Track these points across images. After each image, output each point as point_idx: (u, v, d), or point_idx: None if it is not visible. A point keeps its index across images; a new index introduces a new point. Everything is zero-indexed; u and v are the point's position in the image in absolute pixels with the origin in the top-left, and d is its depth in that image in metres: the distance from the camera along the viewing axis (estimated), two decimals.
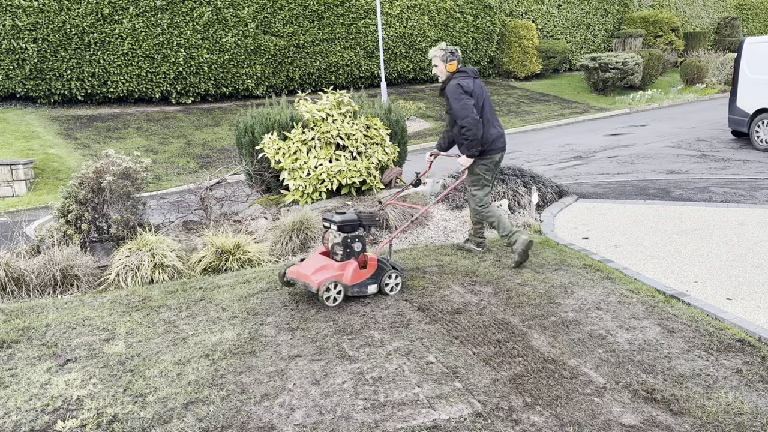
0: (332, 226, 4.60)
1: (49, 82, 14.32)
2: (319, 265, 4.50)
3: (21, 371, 3.70)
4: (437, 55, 5.09)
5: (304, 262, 4.62)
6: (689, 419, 2.92)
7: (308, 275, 4.41)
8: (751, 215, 6.44)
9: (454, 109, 5.05)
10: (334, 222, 4.59)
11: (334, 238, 4.63)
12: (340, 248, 4.58)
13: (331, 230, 4.66)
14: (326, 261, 4.56)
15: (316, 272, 4.44)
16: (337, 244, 4.59)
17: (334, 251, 4.64)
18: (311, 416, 3.07)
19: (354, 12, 18.03)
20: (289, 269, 4.60)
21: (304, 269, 4.50)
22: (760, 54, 10.74)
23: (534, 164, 10.55)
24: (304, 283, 4.46)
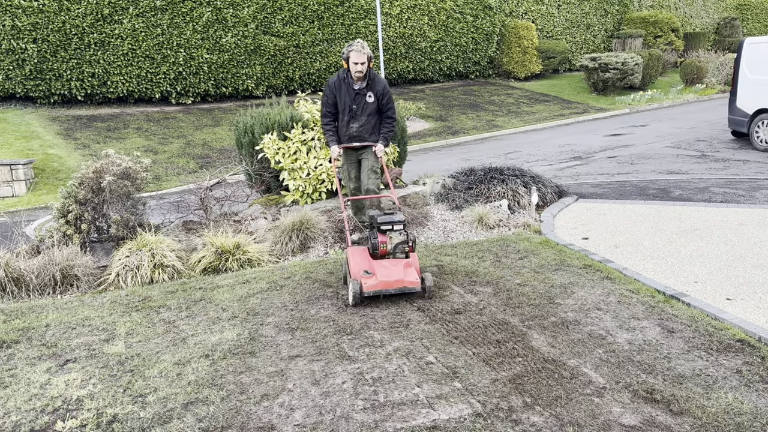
0: (394, 227, 4.56)
1: (49, 83, 14.32)
2: (402, 266, 4.44)
3: (21, 371, 3.70)
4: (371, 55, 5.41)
5: (380, 271, 4.39)
6: (689, 419, 2.92)
7: (403, 279, 4.33)
8: (751, 215, 6.44)
9: (393, 104, 5.74)
10: (399, 222, 4.58)
11: (396, 238, 4.56)
12: (406, 246, 4.58)
13: (391, 231, 4.58)
14: (398, 261, 4.51)
15: (408, 273, 4.39)
16: (402, 243, 4.56)
17: (397, 250, 4.56)
18: (311, 416, 3.07)
19: (354, 12, 18.03)
20: (366, 285, 4.33)
21: (390, 276, 4.34)
22: (760, 54, 10.74)
23: (534, 164, 10.55)
24: (400, 288, 4.33)
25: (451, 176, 7.84)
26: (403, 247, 4.57)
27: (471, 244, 5.89)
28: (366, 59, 5.34)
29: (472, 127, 16.12)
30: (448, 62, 20.55)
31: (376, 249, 4.56)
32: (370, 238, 4.60)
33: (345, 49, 5.40)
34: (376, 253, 4.56)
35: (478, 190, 7.27)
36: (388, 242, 4.56)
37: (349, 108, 5.59)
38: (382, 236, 4.57)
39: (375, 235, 4.59)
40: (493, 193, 7.14)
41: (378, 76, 5.60)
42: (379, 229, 4.58)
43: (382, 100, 5.62)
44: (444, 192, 7.45)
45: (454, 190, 7.41)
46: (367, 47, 5.36)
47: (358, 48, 5.31)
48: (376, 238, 4.56)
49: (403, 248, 4.57)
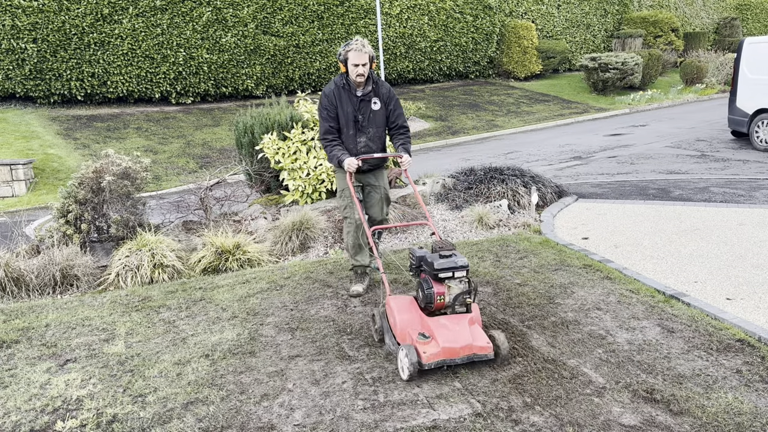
0: (455, 274, 3.51)
1: (49, 82, 14.32)
2: (466, 325, 3.46)
3: (21, 371, 3.70)
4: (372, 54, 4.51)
5: (441, 334, 3.38)
6: (689, 419, 2.92)
7: (472, 344, 3.35)
8: (751, 215, 6.44)
9: (402, 111, 4.77)
10: (462, 267, 3.52)
11: (456, 287, 3.55)
12: (468, 297, 3.56)
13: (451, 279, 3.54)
14: (459, 318, 3.51)
15: (476, 335, 3.42)
16: (464, 293, 3.54)
17: (457, 303, 3.53)
18: (311, 416, 3.07)
19: (354, 12, 18.03)
20: (426, 354, 3.29)
21: (456, 341, 3.34)
22: (759, 54, 10.74)
23: (534, 164, 10.55)
24: (468, 357, 3.34)
25: (451, 176, 7.84)
26: (464, 298, 3.55)
27: (471, 244, 5.89)
28: (368, 59, 4.42)
29: (472, 127, 16.12)
30: (448, 62, 20.55)
31: (430, 302, 3.52)
32: (422, 288, 3.56)
33: (341, 49, 4.46)
34: (429, 308, 3.55)
35: (478, 190, 7.27)
36: (446, 293, 3.53)
37: (354, 119, 4.56)
38: (438, 285, 3.52)
39: (429, 283, 3.54)
40: (493, 193, 7.14)
41: (381, 80, 4.71)
42: (435, 277, 3.51)
43: (388, 105, 4.65)
44: (444, 192, 7.45)
45: (454, 190, 7.41)
46: (368, 45, 4.46)
47: (357, 47, 4.39)
48: (430, 288, 3.51)
49: (464, 300, 3.55)
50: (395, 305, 3.66)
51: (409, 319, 3.57)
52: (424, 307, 3.58)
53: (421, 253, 3.70)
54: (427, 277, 3.57)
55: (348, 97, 4.55)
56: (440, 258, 3.53)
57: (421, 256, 3.68)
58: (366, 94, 4.57)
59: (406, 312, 3.61)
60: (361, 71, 4.44)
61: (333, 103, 4.55)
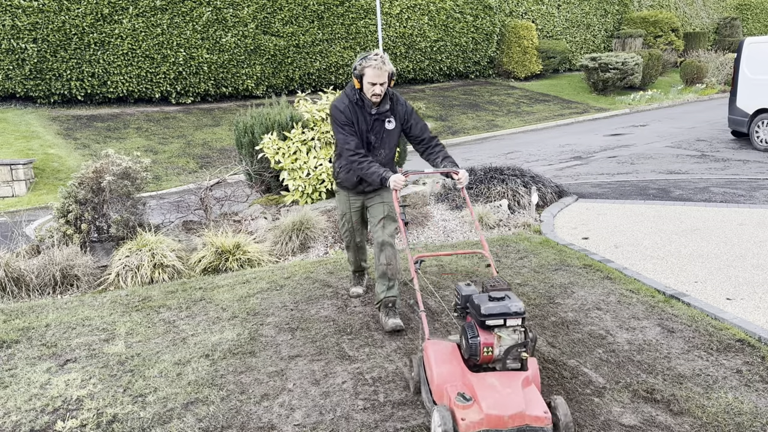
0: (508, 321, 2.81)
1: (49, 82, 14.32)
2: (519, 387, 2.72)
3: (21, 371, 3.70)
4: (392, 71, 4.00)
5: (486, 396, 2.66)
6: (689, 419, 2.92)
7: (524, 412, 2.60)
8: (751, 215, 6.44)
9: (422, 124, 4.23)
10: (517, 313, 2.81)
11: (509, 338, 2.83)
12: (523, 351, 2.83)
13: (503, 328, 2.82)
14: (511, 377, 2.78)
15: (531, 401, 2.68)
16: (519, 346, 2.82)
17: (509, 357, 2.82)
18: (311, 416, 3.08)
19: (354, 12, 18.03)
20: (465, 423, 2.58)
21: (505, 408, 2.60)
22: (760, 54, 10.75)
23: (534, 164, 10.55)
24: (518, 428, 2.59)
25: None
26: (518, 352, 2.83)
27: (471, 244, 5.89)
28: (387, 77, 3.89)
29: (472, 127, 16.12)
30: (448, 62, 20.55)
31: (475, 355, 2.84)
32: (466, 336, 2.88)
33: (357, 62, 3.92)
34: (474, 361, 2.86)
35: (478, 189, 7.27)
36: (495, 344, 2.83)
37: (366, 139, 4.04)
38: (486, 334, 2.83)
39: (474, 330, 2.86)
40: (493, 193, 7.14)
41: (398, 95, 4.14)
42: (482, 324, 2.83)
43: (406, 123, 4.13)
44: (444, 192, 7.45)
45: (454, 190, 7.41)
46: (388, 61, 3.91)
47: (377, 63, 3.83)
48: (476, 337, 2.83)
49: (519, 354, 2.83)
50: (433, 353, 2.97)
51: (448, 372, 2.87)
52: (468, 359, 2.89)
53: (468, 292, 3.03)
54: (473, 322, 2.90)
55: (362, 114, 4.02)
56: (490, 301, 2.85)
57: (467, 295, 3.01)
58: (383, 112, 4.03)
59: (445, 363, 2.92)
60: (379, 91, 3.91)
61: (350, 119, 3.99)
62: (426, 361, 3.05)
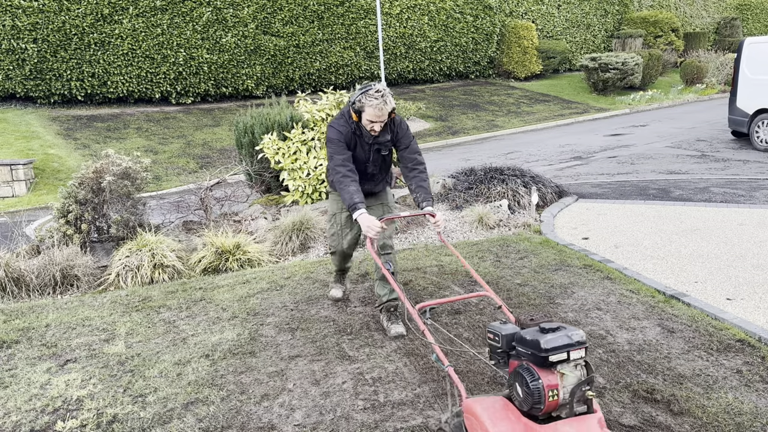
0: (571, 354, 2.29)
1: (49, 82, 14.32)
2: None
3: (21, 371, 3.70)
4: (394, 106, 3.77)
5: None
6: (689, 419, 2.92)
7: None
8: (751, 215, 6.44)
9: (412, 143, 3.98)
10: (579, 345, 2.31)
11: (573, 375, 2.32)
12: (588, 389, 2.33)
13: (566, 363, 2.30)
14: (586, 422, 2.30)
15: None
16: (583, 384, 2.31)
17: (576, 399, 2.30)
18: (311, 416, 3.08)
19: (354, 12, 18.04)
20: None
21: None
22: (760, 54, 10.74)
23: (534, 164, 10.55)
24: None
25: (451, 176, 7.83)
26: (584, 391, 2.32)
27: (471, 244, 5.89)
28: (387, 115, 3.70)
29: (472, 127, 16.13)
30: (448, 62, 20.55)
31: (540, 403, 2.26)
32: (524, 381, 2.29)
33: (356, 97, 3.68)
34: (537, 411, 2.29)
35: (478, 190, 7.27)
36: (560, 385, 2.30)
37: (365, 170, 3.92)
38: (549, 375, 2.29)
39: (533, 373, 2.29)
40: (493, 193, 7.14)
41: (398, 120, 3.91)
42: (542, 363, 2.29)
43: (398, 141, 3.94)
44: (444, 192, 7.45)
45: (454, 190, 7.41)
46: (390, 98, 3.68)
47: (378, 104, 3.60)
48: (537, 381, 2.27)
49: (585, 394, 2.32)
50: (485, 414, 2.36)
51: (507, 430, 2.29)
52: (529, 411, 2.31)
53: (510, 330, 2.48)
54: (528, 364, 2.33)
55: (360, 144, 3.86)
56: (545, 332, 2.33)
57: (511, 334, 2.46)
58: (382, 142, 3.88)
59: (504, 422, 2.32)
60: (378, 128, 3.74)
61: (349, 142, 3.80)
62: (473, 425, 2.41)
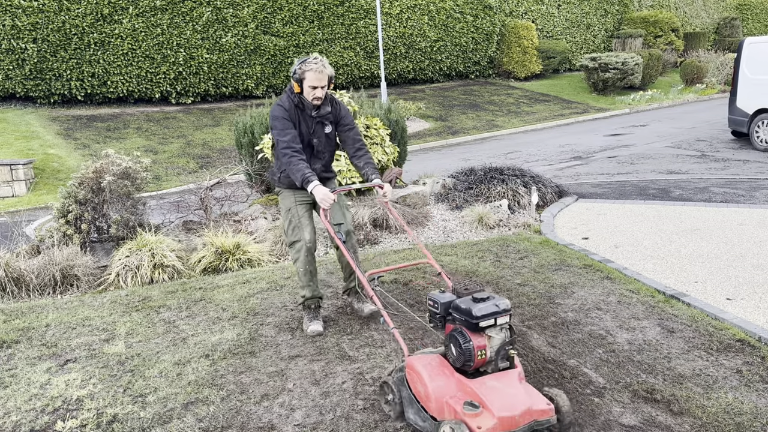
0: (498, 320, 2.77)
1: (49, 82, 14.32)
2: (517, 384, 2.75)
3: (21, 371, 3.70)
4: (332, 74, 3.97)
5: (493, 399, 2.61)
6: (689, 419, 2.92)
7: (531, 408, 2.62)
8: (751, 215, 6.44)
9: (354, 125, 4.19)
10: (505, 312, 2.79)
11: (498, 336, 2.80)
12: (511, 348, 2.83)
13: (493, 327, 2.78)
14: (507, 376, 2.78)
15: (533, 396, 2.71)
16: (508, 344, 2.82)
17: (500, 357, 2.79)
18: (311, 416, 3.07)
19: (354, 12, 18.04)
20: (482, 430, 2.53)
21: (513, 407, 2.60)
22: (760, 54, 10.75)
23: (534, 164, 10.55)
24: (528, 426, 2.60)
25: (451, 176, 7.84)
26: (507, 350, 2.81)
27: (471, 244, 5.89)
28: (327, 81, 3.90)
29: (472, 127, 16.13)
30: (448, 62, 20.55)
31: (470, 360, 2.72)
32: (457, 342, 2.77)
33: (296, 66, 3.88)
34: (467, 367, 2.75)
35: (478, 190, 7.27)
36: (487, 346, 2.77)
37: (308, 143, 4.00)
38: (477, 337, 2.75)
39: (465, 335, 2.75)
40: (493, 193, 7.14)
41: (336, 99, 4.15)
42: (474, 327, 2.74)
43: (344, 124, 4.11)
44: (444, 192, 7.46)
45: (454, 190, 7.41)
46: (328, 65, 3.91)
47: (317, 67, 3.83)
48: (468, 342, 2.73)
49: (508, 352, 2.82)
50: (423, 369, 2.81)
51: (445, 385, 2.74)
52: (461, 367, 2.78)
53: (447, 299, 2.92)
54: (461, 328, 2.79)
55: (303, 117, 3.99)
56: (477, 302, 2.78)
57: (448, 302, 2.90)
58: (323, 115, 4.01)
59: (439, 376, 2.78)
60: (320, 94, 3.89)
61: (293, 117, 3.95)
62: (412, 379, 2.87)
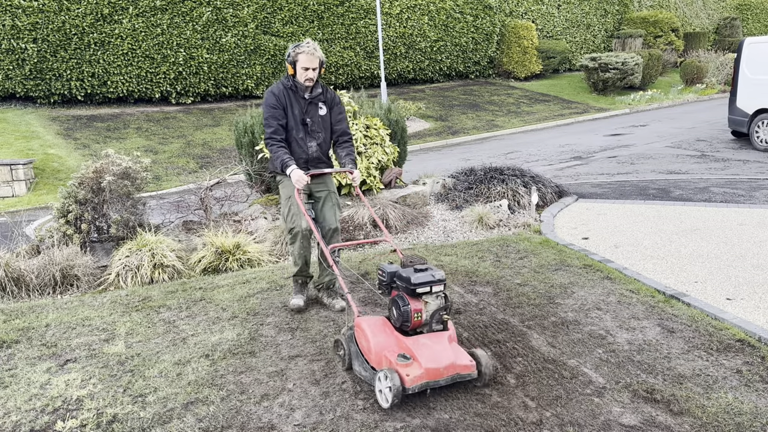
0: (433, 288, 3.32)
1: (49, 82, 14.32)
2: (446, 343, 3.27)
3: (21, 371, 3.70)
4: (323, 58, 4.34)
5: (423, 354, 3.16)
6: (689, 419, 2.92)
7: (455, 363, 3.16)
8: (751, 215, 6.44)
9: (346, 116, 4.57)
10: (440, 281, 3.34)
11: (434, 303, 3.35)
12: (445, 314, 3.36)
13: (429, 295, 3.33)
14: (438, 336, 3.31)
15: (458, 354, 3.23)
16: (442, 309, 3.35)
17: (434, 320, 3.33)
18: (311, 416, 3.08)
19: (354, 12, 18.04)
20: (409, 378, 3.05)
21: (439, 361, 3.13)
22: (760, 54, 10.75)
23: (534, 164, 10.55)
24: (452, 377, 3.14)
25: (451, 176, 7.84)
26: (441, 315, 3.35)
27: (471, 244, 5.89)
28: (318, 63, 4.27)
29: (472, 127, 16.13)
30: (448, 62, 20.55)
31: (407, 321, 3.29)
32: (397, 305, 3.35)
33: (290, 50, 4.27)
34: (406, 327, 3.33)
35: (478, 190, 7.27)
36: (423, 310, 3.32)
37: (302, 121, 4.36)
38: (415, 302, 3.31)
39: (404, 300, 3.32)
40: (493, 193, 7.14)
41: (328, 87, 4.57)
42: (411, 293, 3.30)
43: (332, 110, 4.49)
44: (444, 192, 7.46)
45: (454, 190, 7.41)
46: (318, 49, 4.29)
47: (309, 50, 4.22)
48: (407, 306, 3.29)
49: (442, 317, 3.35)
50: (368, 327, 3.38)
51: (385, 341, 3.31)
52: (400, 327, 3.35)
53: (392, 269, 3.49)
54: (402, 293, 3.35)
55: (296, 98, 4.35)
56: (416, 272, 3.34)
57: (393, 271, 3.47)
58: (314, 97, 4.39)
59: (380, 334, 3.35)
60: (311, 75, 4.27)
61: (282, 102, 4.33)
62: (359, 335, 3.44)
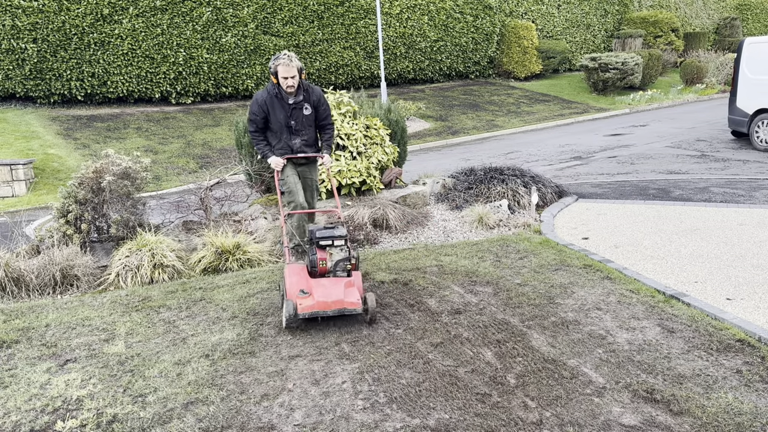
0: (335, 242, 4.26)
1: (49, 82, 14.32)
2: (342, 286, 4.08)
3: (21, 371, 3.70)
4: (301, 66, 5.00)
5: (317, 290, 4.03)
6: (689, 419, 2.92)
7: (343, 300, 3.94)
8: (751, 215, 6.44)
9: (330, 112, 5.39)
10: (340, 236, 4.26)
11: (337, 254, 4.28)
12: (348, 264, 4.27)
13: (332, 247, 4.28)
14: (338, 280, 4.17)
15: (348, 293, 4.03)
16: (344, 260, 4.25)
17: (338, 268, 4.25)
18: (311, 416, 3.08)
19: (354, 12, 18.03)
20: (302, 306, 3.93)
21: (328, 296, 3.97)
22: (760, 54, 10.74)
23: (534, 164, 10.55)
24: (339, 310, 3.94)
25: (451, 176, 7.84)
26: (344, 264, 4.24)
27: (471, 244, 5.89)
28: (296, 72, 4.93)
29: (472, 127, 16.12)
30: (448, 62, 20.55)
31: (314, 267, 4.24)
32: (309, 255, 4.31)
33: (271, 62, 4.96)
34: (314, 272, 4.26)
35: (478, 190, 7.27)
36: (328, 259, 4.25)
37: (287, 124, 5.14)
38: (321, 252, 4.24)
39: (314, 251, 4.26)
40: (493, 193, 7.14)
41: (312, 86, 5.24)
42: (318, 245, 4.26)
43: (318, 109, 5.25)
44: (444, 192, 7.46)
45: (454, 190, 7.41)
46: (295, 58, 4.92)
47: (285, 61, 4.85)
48: (314, 255, 4.24)
49: (345, 266, 4.24)
50: (288, 270, 4.28)
51: (297, 281, 4.15)
52: (311, 272, 4.27)
53: (311, 227, 4.44)
54: (314, 246, 4.29)
55: (280, 104, 5.06)
56: (323, 229, 4.30)
57: (311, 229, 4.40)
58: (298, 102, 5.08)
59: (296, 275, 4.21)
60: (291, 83, 4.95)
61: (263, 111, 5.08)
62: (285, 277, 4.24)
